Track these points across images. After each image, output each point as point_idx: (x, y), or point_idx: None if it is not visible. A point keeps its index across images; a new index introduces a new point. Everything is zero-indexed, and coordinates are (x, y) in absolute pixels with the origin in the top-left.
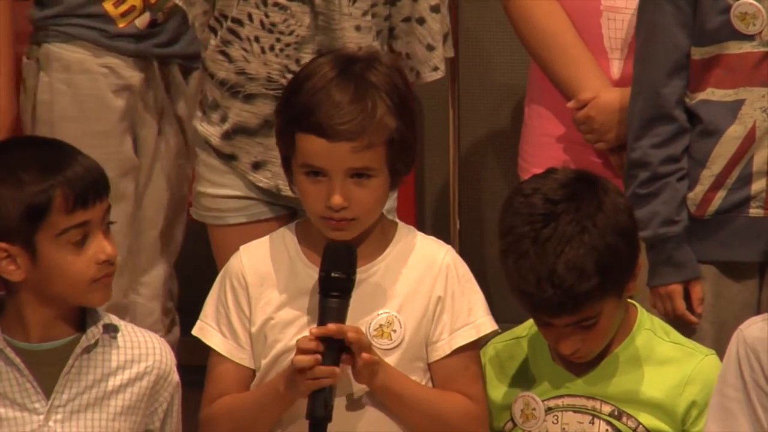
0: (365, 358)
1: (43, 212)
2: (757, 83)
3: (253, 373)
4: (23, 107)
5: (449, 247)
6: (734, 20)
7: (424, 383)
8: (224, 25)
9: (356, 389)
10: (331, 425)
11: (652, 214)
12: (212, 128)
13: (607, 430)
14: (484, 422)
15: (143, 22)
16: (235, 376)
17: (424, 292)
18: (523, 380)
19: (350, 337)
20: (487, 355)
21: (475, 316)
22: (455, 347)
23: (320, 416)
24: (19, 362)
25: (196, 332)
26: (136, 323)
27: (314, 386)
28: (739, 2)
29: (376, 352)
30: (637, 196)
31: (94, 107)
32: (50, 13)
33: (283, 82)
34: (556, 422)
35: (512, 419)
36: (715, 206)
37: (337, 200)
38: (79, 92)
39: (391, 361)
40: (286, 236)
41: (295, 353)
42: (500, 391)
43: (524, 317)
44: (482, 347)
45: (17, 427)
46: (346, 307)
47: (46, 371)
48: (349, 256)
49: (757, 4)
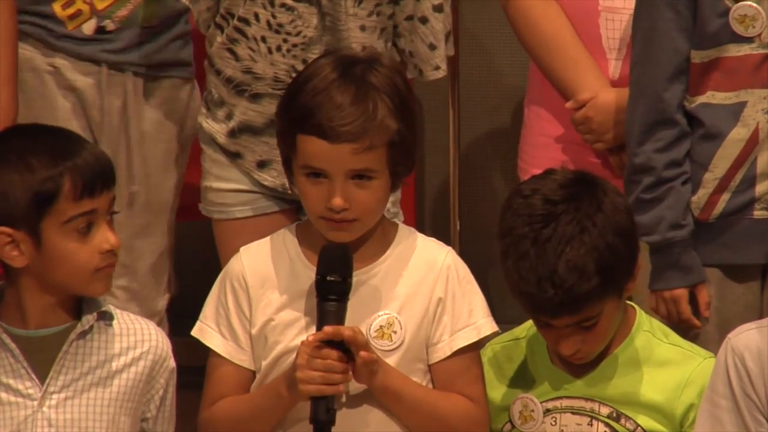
0: (364, 356)
1: (51, 199)
2: (758, 85)
3: (253, 374)
4: None
5: (450, 248)
6: (733, 23)
7: (424, 385)
8: (231, 23)
9: (356, 389)
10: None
11: (658, 218)
12: (218, 125)
13: (605, 431)
14: (484, 424)
15: (90, 27)
16: (235, 377)
17: (424, 293)
18: (521, 382)
19: (347, 335)
20: (485, 356)
21: (475, 317)
22: (456, 349)
23: (323, 420)
24: (14, 347)
25: (195, 333)
26: None
27: (316, 391)
28: (738, 5)
29: (375, 351)
30: (641, 201)
31: (40, 105)
32: None
33: (289, 82)
34: (554, 424)
35: (511, 421)
36: (719, 209)
37: (337, 202)
38: (26, 90)
39: (391, 362)
40: (286, 237)
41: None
42: (499, 392)
43: (524, 318)
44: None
45: (11, 412)
46: (343, 310)
47: (41, 357)
48: (344, 258)
49: (756, 5)
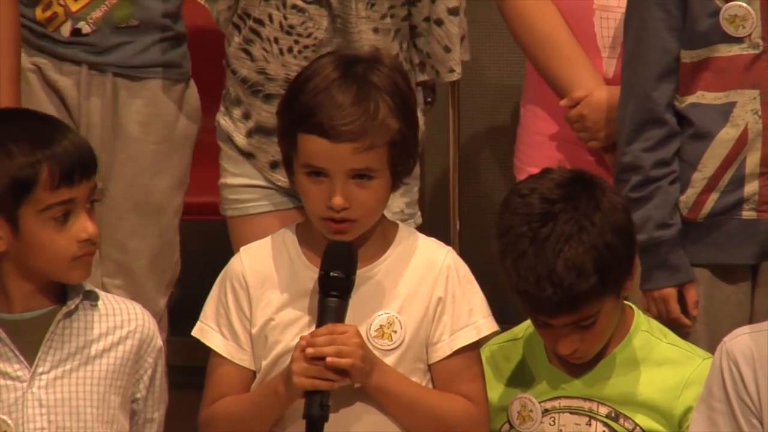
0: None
1: (28, 186)
2: (747, 85)
3: (253, 374)
4: None
5: (450, 248)
6: (723, 23)
7: (424, 384)
8: (247, 23)
9: (352, 389)
10: (327, 426)
11: (645, 218)
12: (234, 125)
13: (603, 431)
14: (485, 423)
15: (66, 29)
16: (235, 377)
17: (424, 293)
18: (519, 382)
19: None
20: (483, 356)
21: (475, 317)
22: (456, 348)
23: (316, 416)
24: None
25: (195, 333)
26: None
27: (310, 385)
28: (728, 5)
29: (372, 351)
30: (629, 200)
31: (26, 103)
32: None
33: None
34: (552, 424)
35: (509, 421)
36: (707, 209)
37: (338, 201)
38: None
39: (391, 361)
40: (286, 237)
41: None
42: (497, 392)
43: (524, 318)
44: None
45: (1, 395)
46: (345, 307)
47: (28, 340)
48: (349, 256)
49: (747, 6)
